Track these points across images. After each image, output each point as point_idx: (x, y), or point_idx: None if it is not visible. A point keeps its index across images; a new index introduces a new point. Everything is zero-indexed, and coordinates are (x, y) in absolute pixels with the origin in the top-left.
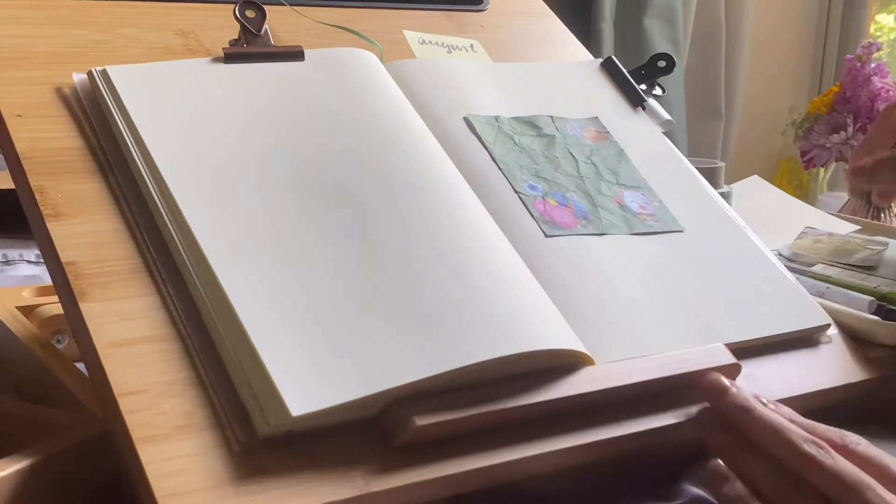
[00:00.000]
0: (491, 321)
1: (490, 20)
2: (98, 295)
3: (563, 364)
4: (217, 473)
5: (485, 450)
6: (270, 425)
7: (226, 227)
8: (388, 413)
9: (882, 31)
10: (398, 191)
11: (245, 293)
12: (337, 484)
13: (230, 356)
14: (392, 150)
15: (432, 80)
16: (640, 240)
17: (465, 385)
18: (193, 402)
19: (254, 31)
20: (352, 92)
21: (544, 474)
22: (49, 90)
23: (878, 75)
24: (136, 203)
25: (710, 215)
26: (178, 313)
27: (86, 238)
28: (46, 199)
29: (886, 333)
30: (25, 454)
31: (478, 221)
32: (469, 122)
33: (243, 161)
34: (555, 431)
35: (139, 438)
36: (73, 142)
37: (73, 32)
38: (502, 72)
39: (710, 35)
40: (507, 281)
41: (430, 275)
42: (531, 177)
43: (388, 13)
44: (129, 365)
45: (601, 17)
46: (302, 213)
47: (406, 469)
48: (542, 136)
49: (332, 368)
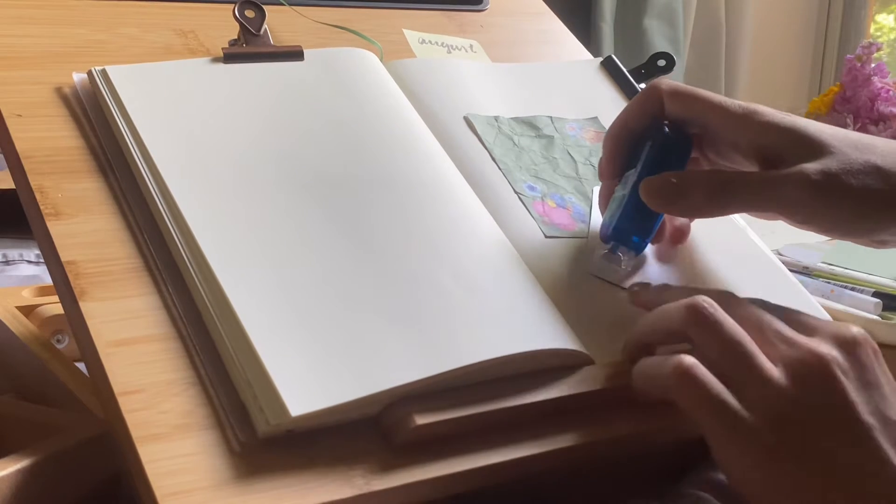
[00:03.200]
0: (491, 321)
1: (490, 20)
2: (98, 294)
3: (563, 364)
4: (217, 473)
5: (485, 449)
6: (270, 425)
7: (225, 226)
8: (389, 412)
9: (882, 31)
10: (398, 190)
11: (245, 292)
12: (337, 483)
13: (230, 355)
14: (392, 150)
15: (432, 80)
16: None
17: (465, 384)
18: (193, 401)
19: (253, 31)
20: (351, 92)
21: (544, 474)
22: (49, 90)
23: (878, 75)
24: (135, 202)
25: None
26: (177, 312)
27: (86, 237)
28: (46, 198)
29: (886, 333)
30: (25, 454)
31: (478, 221)
32: (469, 121)
33: (243, 160)
34: (554, 431)
35: (139, 438)
36: (73, 141)
37: (74, 32)
38: (502, 72)
39: (710, 35)
40: (508, 281)
41: (430, 274)
42: (530, 177)
43: (387, 13)
44: (129, 364)
45: (601, 17)
46: (302, 213)
47: (406, 468)
48: (542, 136)
49: (332, 368)
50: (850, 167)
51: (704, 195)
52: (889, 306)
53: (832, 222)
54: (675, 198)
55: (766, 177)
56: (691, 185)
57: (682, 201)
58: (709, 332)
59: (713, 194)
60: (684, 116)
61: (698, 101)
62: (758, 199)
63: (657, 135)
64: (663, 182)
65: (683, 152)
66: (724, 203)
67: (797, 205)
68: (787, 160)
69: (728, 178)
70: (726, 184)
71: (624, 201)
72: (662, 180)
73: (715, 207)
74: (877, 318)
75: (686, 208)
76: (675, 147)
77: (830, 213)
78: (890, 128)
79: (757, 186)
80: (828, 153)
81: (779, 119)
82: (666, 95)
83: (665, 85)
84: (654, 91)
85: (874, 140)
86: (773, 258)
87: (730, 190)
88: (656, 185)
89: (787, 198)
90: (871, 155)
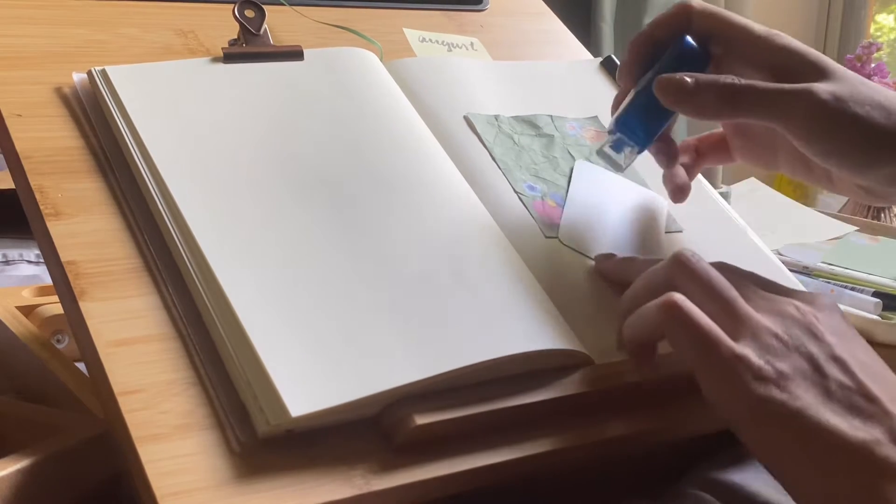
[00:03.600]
0: (491, 321)
1: (490, 20)
2: (98, 294)
3: (563, 364)
4: (217, 473)
5: (485, 449)
6: (270, 425)
7: (225, 226)
8: (389, 412)
9: (882, 31)
10: (398, 190)
11: (245, 292)
12: (337, 483)
13: (230, 356)
14: (392, 150)
15: (432, 79)
16: None
17: (466, 384)
18: (193, 401)
19: (253, 31)
20: (351, 91)
21: (543, 474)
22: (49, 90)
23: (878, 75)
24: (135, 202)
25: (711, 215)
26: (177, 312)
27: (86, 237)
28: (46, 198)
29: (886, 333)
30: (25, 454)
31: (478, 221)
32: (469, 120)
33: (243, 160)
34: (554, 431)
35: (139, 438)
36: (73, 141)
37: (73, 32)
38: (502, 70)
39: None
40: (507, 281)
41: (430, 274)
42: (530, 177)
43: (387, 13)
44: (129, 364)
45: (601, 17)
46: (302, 213)
47: (406, 468)
48: (542, 135)
49: (332, 368)
50: (858, 96)
51: (716, 96)
52: (889, 306)
53: (832, 145)
54: (686, 96)
55: (778, 88)
56: (704, 86)
57: (693, 98)
58: (695, 278)
59: (724, 97)
60: (710, 33)
61: (724, 20)
62: (766, 110)
63: (678, 43)
64: (678, 79)
65: (701, 64)
66: (734, 107)
67: (803, 119)
68: (800, 79)
69: (741, 85)
70: (739, 89)
71: (636, 97)
72: (677, 77)
73: (724, 110)
74: (877, 317)
75: (696, 106)
76: (692, 57)
77: (832, 136)
78: None
79: (769, 96)
80: (839, 79)
81: (797, 43)
82: (695, 13)
83: (696, 3)
84: (685, 7)
85: (878, 86)
86: (774, 258)
87: (741, 95)
88: (671, 81)
89: (795, 111)
90: (877, 94)
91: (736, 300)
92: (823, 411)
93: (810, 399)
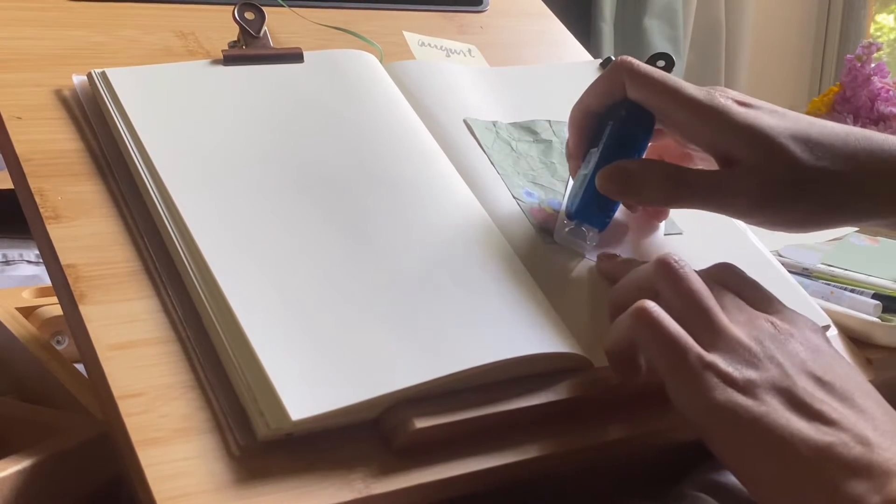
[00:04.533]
0: (490, 325)
1: (489, 21)
2: (98, 297)
3: (562, 367)
4: (217, 476)
5: (484, 452)
6: (270, 428)
7: (225, 230)
8: (388, 416)
9: (882, 31)
10: (398, 193)
11: (245, 296)
12: (337, 486)
13: (230, 359)
14: (392, 152)
15: (432, 82)
16: None
17: (465, 388)
18: (193, 404)
19: (253, 33)
20: (351, 94)
21: (543, 477)
22: (49, 92)
23: (878, 75)
24: (135, 205)
25: (710, 217)
26: (177, 316)
27: (85, 240)
28: (46, 201)
29: (885, 335)
30: (25, 454)
31: (479, 224)
32: (468, 125)
33: (242, 163)
34: (553, 434)
35: (139, 441)
36: (73, 144)
37: (73, 34)
38: (501, 75)
39: (710, 35)
40: (507, 285)
41: (429, 278)
42: (528, 183)
43: (387, 14)
44: (128, 367)
45: (601, 17)
46: (302, 216)
47: (406, 471)
48: (540, 141)
49: (332, 372)
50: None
51: (657, 190)
52: (888, 308)
53: (778, 225)
54: (628, 190)
55: (716, 181)
56: (645, 180)
57: (635, 194)
58: (675, 284)
59: (664, 191)
60: (645, 103)
61: (658, 89)
62: (707, 202)
63: (617, 117)
64: (618, 173)
65: (645, 132)
66: (675, 199)
67: (744, 212)
68: (741, 161)
69: (681, 177)
70: (679, 183)
71: (586, 182)
72: (617, 171)
73: (666, 203)
74: (876, 319)
75: (638, 202)
76: (635, 128)
77: (778, 217)
78: (890, 128)
79: (707, 189)
80: (778, 157)
81: (737, 119)
82: (627, 80)
83: (626, 68)
84: (616, 74)
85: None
86: (773, 259)
87: (682, 189)
88: (611, 175)
89: (734, 204)
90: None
91: (713, 310)
92: (789, 416)
93: (776, 405)
